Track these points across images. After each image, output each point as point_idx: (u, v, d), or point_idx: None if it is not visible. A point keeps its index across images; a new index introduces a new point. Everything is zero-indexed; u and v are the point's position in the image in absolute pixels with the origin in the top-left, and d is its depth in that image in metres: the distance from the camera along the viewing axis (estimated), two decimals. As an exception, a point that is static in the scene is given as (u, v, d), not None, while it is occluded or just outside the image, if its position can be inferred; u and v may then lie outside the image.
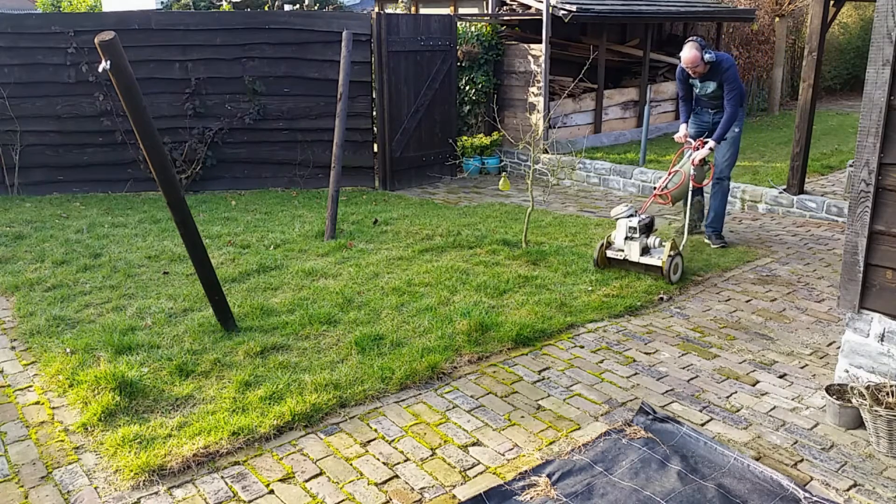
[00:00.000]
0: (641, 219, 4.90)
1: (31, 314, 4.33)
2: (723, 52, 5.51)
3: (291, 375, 3.50)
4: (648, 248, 4.89)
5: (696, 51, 5.23)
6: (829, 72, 15.21)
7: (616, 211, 5.02)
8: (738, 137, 5.65)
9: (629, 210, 5.01)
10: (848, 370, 3.30)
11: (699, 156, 5.31)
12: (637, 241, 4.85)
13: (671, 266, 4.74)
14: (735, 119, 5.39)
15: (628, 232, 4.89)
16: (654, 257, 4.80)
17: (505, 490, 2.68)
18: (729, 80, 5.30)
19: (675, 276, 4.81)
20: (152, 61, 7.63)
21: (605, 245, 5.05)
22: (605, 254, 5.02)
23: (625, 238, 4.90)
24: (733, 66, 5.33)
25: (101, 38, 3.26)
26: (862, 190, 3.12)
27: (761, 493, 2.64)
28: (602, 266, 5.04)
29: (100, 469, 2.82)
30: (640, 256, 4.84)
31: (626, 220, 4.92)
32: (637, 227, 4.86)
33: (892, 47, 2.93)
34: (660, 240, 4.90)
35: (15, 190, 7.74)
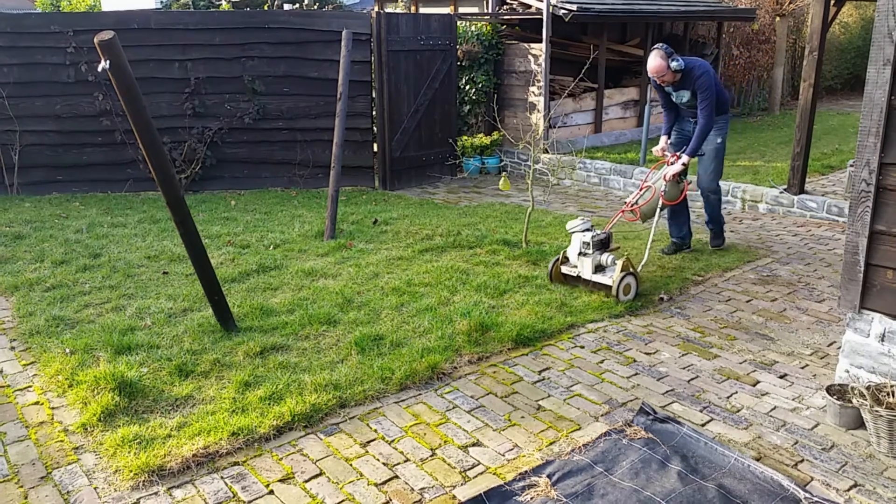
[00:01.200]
0: (595, 234, 4.59)
1: (31, 314, 4.33)
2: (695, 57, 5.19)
3: (291, 376, 3.50)
4: (602, 265, 4.59)
5: (661, 59, 4.86)
6: (830, 71, 15.20)
7: (571, 224, 4.70)
8: (721, 149, 5.28)
9: (585, 224, 4.67)
10: (848, 370, 3.30)
11: (671, 171, 4.92)
12: (590, 257, 4.55)
13: (621, 286, 4.42)
14: (709, 130, 4.99)
15: (582, 247, 4.60)
16: (606, 276, 4.51)
17: (505, 490, 2.68)
18: (702, 87, 4.90)
19: (625, 296, 4.47)
20: (152, 61, 7.62)
21: (559, 260, 4.76)
22: (559, 269, 4.75)
23: (578, 254, 4.62)
24: (707, 72, 4.93)
25: (100, 37, 3.25)
26: (862, 190, 3.11)
27: (762, 494, 2.64)
28: (556, 282, 4.75)
29: (99, 469, 2.82)
30: (593, 274, 4.55)
31: (580, 234, 4.62)
32: (591, 242, 4.56)
33: (892, 47, 2.92)
34: (613, 257, 4.59)
35: (14, 190, 7.74)
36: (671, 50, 4.89)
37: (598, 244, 4.60)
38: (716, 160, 5.28)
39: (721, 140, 5.24)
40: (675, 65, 4.85)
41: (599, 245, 4.62)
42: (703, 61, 5.03)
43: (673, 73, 4.92)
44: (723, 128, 5.25)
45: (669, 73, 4.91)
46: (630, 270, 4.47)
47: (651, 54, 4.94)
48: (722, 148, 5.30)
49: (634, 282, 4.51)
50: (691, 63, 4.97)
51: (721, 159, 5.32)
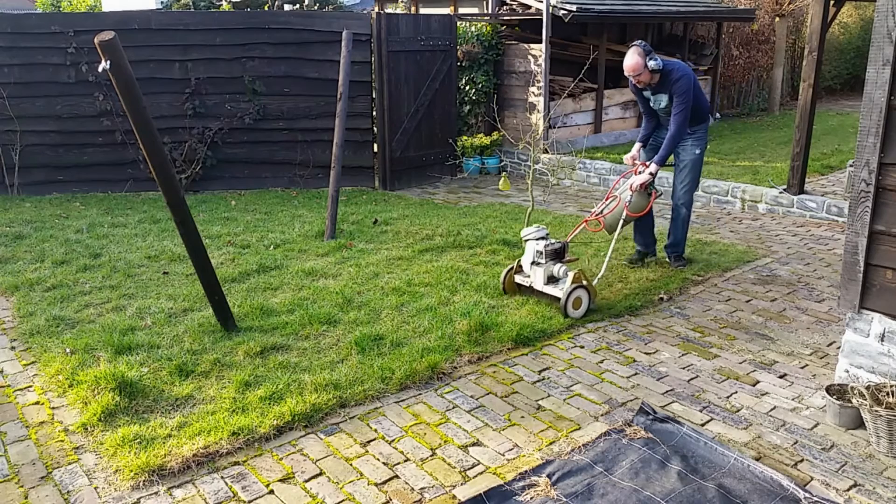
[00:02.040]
0: (549, 243, 4.39)
1: (31, 314, 4.33)
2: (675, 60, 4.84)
3: (291, 375, 3.50)
4: (555, 276, 4.38)
5: (639, 56, 4.59)
6: (830, 72, 15.21)
7: (525, 232, 4.48)
8: (698, 161, 4.97)
9: (539, 232, 4.45)
10: (848, 370, 3.30)
11: (638, 181, 4.67)
12: (542, 267, 4.36)
13: (570, 300, 4.19)
14: (680, 137, 4.73)
15: (535, 256, 4.41)
16: (557, 287, 4.29)
17: (505, 490, 2.68)
18: (679, 91, 4.63)
19: (575, 311, 4.23)
20: (152, 61, 7.63)
21: (514, 269, 4.56)
22: (512, 278, 4.55)
23: (531, 263, 4.43)
24: (685, 76, 4.65)
25: (100, 37, 3.26)
26: (862, 190, 3.11)
27: (761, 494, 2.64)
28: (509, 292, 4.56)
29: (100, 469, 2.82)
30: (545, 285, 4.35)
31: (533, 242, 4.43)
32: (544, 251, 4.36)
33: (892, 47, 2.93)
34: (566, 268, 4.36)
35: (15, 190, 7.74)
36: (650, 48, 4.64)
37: (551, 254, 4.40)
38: (692, 172, 4.97)
39: (700, 151, 4.96)
40: (652, 64, 4.58)
41: (553, 255, 4.42)
42: (684, 65, 4.80)
43: (650, 73, 4.65)
44: (702, 138, 4.97)
45: (646, 72, 4.64)
46: (582, 283, 4.24)
47: (628, 52, 4.67)
48: (700, 159, 5.01)
49: (587, 296, 4.27)
50: (671, 65, 4.73)
51: (698, 171, 5.03)
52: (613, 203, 4.78)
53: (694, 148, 4.93)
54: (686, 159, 4.95)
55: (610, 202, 4.82)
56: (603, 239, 5.71)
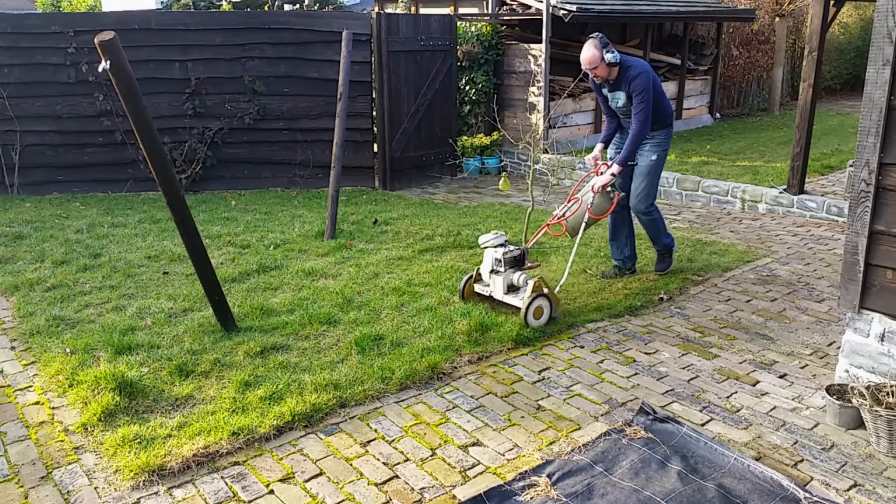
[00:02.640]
0: (508, 251, 4.22)
1: (31, 314, 4.33)
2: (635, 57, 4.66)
3: (291, 375, 3.50)
4: (515, 285, 4.21)
5: (595, 49, 4.36)
6: (830, 72, 15.21)
7: (484, 238, 4.28)
8: (654, 167, 4.65)
9: (498, 238, 4.25)
10: (848, 370, 3.30)
11: (599, 182, 4.47)
12: (502, 276, 4.18)
13: (531, 310, 4.01)
14: (642, 137, 4.46)
15: (493, 264, 4.24)
16: (518, 297, 4.13)
17: (505, 490, 2.68)
18: (637, 89, 4.38)
19: (536, 321, 4.05)
20: (152, 61, 7.63)
21: (473, 278, 4.39)
22: (472, 287, 4.38)
23: (490, 271, 4.26)
24: (644, 73, 4.41)
25: (100, 37, 3.26)
26: (862, 190, 3.11)
27: (761, 494, 2.64)
28: (469, 301, 4.38)
29: (100, 469, 2.82)
30: (505, 294, 4.19)
31: (492, 250, 4.24)
32: (502, 259, 4.18)
33: (892, 47, 2.93)
34: (526, 277, 4.20)
35: (15, 190, 7.74)
36: (606, 41, 4.42)
37: (510, 261, 4.23)
38: (647, 179, 4.65)
39: (656, 157, 4.65)
40: (609, 56, 4.36)
41: (513, 262, 4.24)
42: (644, 63, 4.56)
43: (607, 67, 4.42)
44: (661, 143, 4.67)
45: (603, 65, 4.39)
46: (543, 292, 4.06)
47: (585, 44, 4.45)
48: (656, 166, 4.67)
49: (548, 305, 4.10)
50: (629, 61, 4.49)
51: (655, 179, 4.69)
52: (575, 205, 4.59)
53: (651, 154, 4.64)
54: (642, 165, 4.66)
55: (572, 204, 4.62)
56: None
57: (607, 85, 4.58)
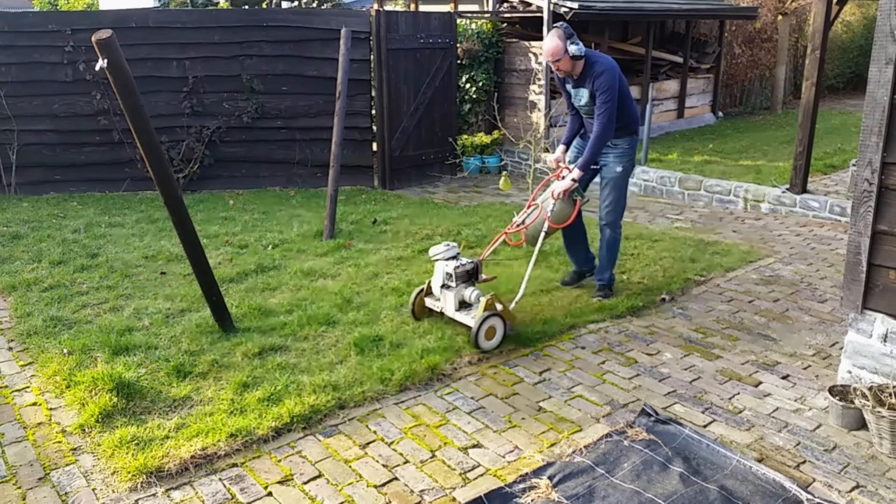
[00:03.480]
0: (460, 264, 3.94)
1: (28, 314, 4.31)
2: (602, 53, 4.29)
3: (290, 377, 3.48)
4: (467, 301, 3.94)
5: (558, 39, 4.02)
6: (832, 70, 15.17)
7: (434, 250, 4.02)
8: (621, 179, 4.33)
9: (449, 250, 3.99)
10: (851, 371, 3.28)
11: (559, 188, 4.17)
12: (453, 291, 3.91)
13: (482, 329, 3.70)
14: (606, 138, 4.14)
15: (444, 278, 3.96)
16: (470, 315, 3.85)
17: (505, 492, 2.66)
18: (601, 88, 4.06)
19: (487, 342, 3.74)
20: (150, 59, 7.60)
21: (423, 291, 4.11)
22: (423, 302, 4.11)
23: (441, 286, 3.99)
24: (609, 70, 4.09)
25: (98, 36, 3.23)
26: (865, 189, 3.09)
27: (764, 495, 2.62)
28: (420, 317, 4.12)
29: (97, 470, 2.80)
30: (456, 311, 3.91)
31: (442, 263, 3.98)
32: (453, 273, 3.91)
33: (894, 46, 2.90)
34: (478, 293, 3.90)
35: (12, 189, 7.71)
36: (571, 31, 4.08)
37: (462, 275, 3.95)
38: (615, 191, 4.34)
39: (622, 169, 4.32)
40: (573, 48, 4.03)
41: (465, 276, 3.96)
42: (611, 60, 4.23)
43: (571, 60, 4.09)
44: (626, 153, 4.33)
45: (566, 58, 4.06)
46: (495, 311, 3.77)
47: (548, 34, 4.13)
48: (623, 178, 4.35)
49: (501, 324, 3.80)
50: (595, 57, 4.17)
51: (622, 190, 4.37)
52: (536, 212, 4.28)
53: (616, 164, 4.32)
54: (607, 177, 4.36)
55: (532, 211, 4.31)
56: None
57: (571, 80, 4.27)
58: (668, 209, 7.16)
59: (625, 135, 4.31)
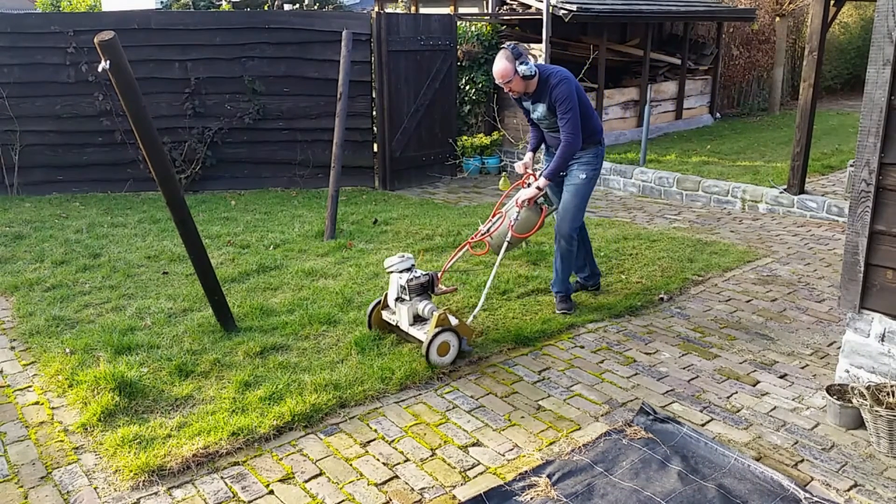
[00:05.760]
0: (414, 276, 3.78)
1: (31, 314, 4.33)
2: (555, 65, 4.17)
3: (291, 376, 3.50)
4: (421, 315, 3.76)
5: (507, 61, 3.92)
6: (830, 71, 15.20)
7: (388, 262, 3.85)
8: (583, 188, 4.18)
9: (403, 262, 3.82)
10: (848, 370, 3.30)
11: (523, 196, 4.02)
12: (406, 305, 3.74)
13: (434, 345, 3.53)
14: (574, 148, 4.00)
15: (399, 291, 3.81)
16: (423, 329, 3.67)
17: (505, 490, 2.68)
18: (559, 98, 3.94)
19: (441, 358, 3.57)
20: (152, 61, 7.62)
21: (381, 304, 3.93)
22: (380, 315, 3.93)
23: (395, 299, 3.83)
24: (565, 80, 3.97)
25: (100, 37, 3.26)
26: (862, 190, 3.11)
27: (762, 494, 2.64)
28: (378, 330, 3.95)
29: (99, 469, 2.82)
30: (410, 326, 3.74)
31: (396, 275, 3.81)
32: (407, 286, 3.75)
33: (892, 47, 2.92)
34: (432, 307, 3.73)
35: (14, 190, 7.74)
36: (520, 51, 3.98)
37: (417, 288, 3.79)
38: (576, 200, 4.19)
39: (585, 177, 4.18)
40: (522, 69, 3.92)
41: (419, 289, 3.81)
42: (565, 71, 4.09)
43: (522, 81, 3.99)
44: (590, 163, 4.20)
45: (517, 78, 3.96)
46: (448, 326, 3.59)
47: (497, 56, 4.01)
48: (586, 187, 4.20)
49: (456, 339, 3.62)
50: (548, 70, 4.05)
51: (583, 200, 4.22)
52: (500, 221, 4.15)
53: (579, 172, 4.19)
54: (569, 184, 4.22)
55: (497, 219, 4.17)
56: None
57: (528, 97, 4.17)
58: (667, 209, 7.18)
59: (590, 146, 4.19)
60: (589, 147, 4.20)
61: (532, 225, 4.10)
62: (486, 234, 4.16)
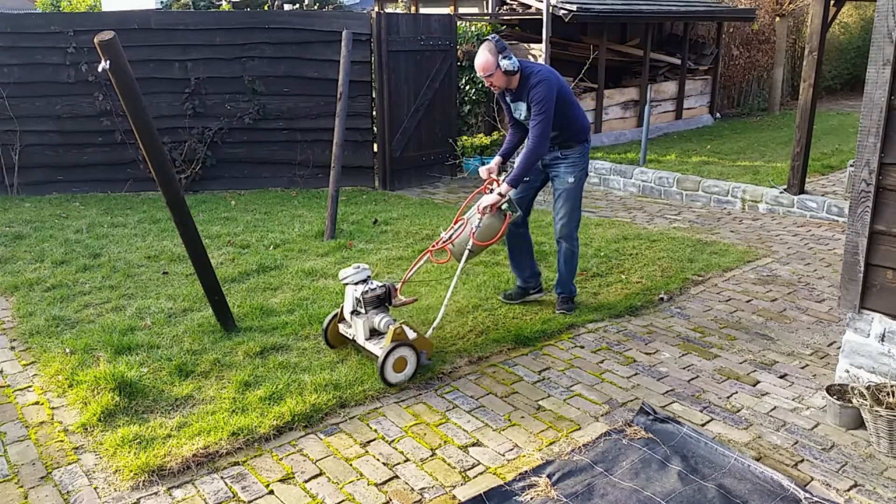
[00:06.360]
0: (370, 288, 3.62)
1: (31, 314, 4.33)
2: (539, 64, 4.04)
3: (291, 376, 3.50)
4: (378, 329, 3.61)
5: (489, 54, 3.80)
6: (830, 72, 15.20)
7: (343, 273, 3.67)
8: (574, 190, 4.10)
9: (359, 273, 3.64)
10: (848, 370, 3.30)
11: (485, 203, 3.86)
12: (362, 318, 3.59)
13: (389, 361, 3.37)
14: (538, 154, 3.85)
15: (354, 304, 3.65)
16: (379, 344, 3.51)
17: (505, 490, 2.68)
18: (536, 99, 3.81)
19: (396, 375, 3.41)
20: (152, 61, 7.62)
21: (337, 317, 3.77)
22: (336, 329, 3.78)
23: (351, 312, 3.68)
24: (545, 81, 3.83)
25: (100, 37, 3.26)
26: (862, 190, 3.11)
27: (762, 494, 2.64)
28: (334, 345, 3.80)
29: (99, 469, 2.82)
30: (367, 340, 3.60)
31: (351, 287, 3.66)
32: (362, 299, 3.60)
33: (892, 47, 2.93)
34: (389, 320, 3.57)
35: (14, 190, 7.73)
36: (504, 45, 3.84)
37: (373, 301, 3.63)
38: (568, 202, 4.12)
39: (574, 179, 4.10)
40: (505, 63, 3.80)
41: (375, 302, 3.65)
42: (549, 69, 3.98)
43: (504, 75, 3.86)
44: (577, 163, 4.10)
45: (499, 72, 3.84)
46: (405, 340, 3.44)
47: (479, 48, 3.88)
48: (577, 189, 4.13)
49: (413, 354, 3.46)
50: (531, 68, 3.92)
51: (577, 202, 4.14)
52: (462, 228, 3.97)
53: (567, 175, 4.10)
54: (559, 188, 4.15)
55: (459, 226, 4.00)
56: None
57: (510, 94, 4.04)
58: (667, 209, 7.18)
59: (576, 144, 4.11)
60: (575, 146, 4.12)
61: (495, 232, 3.92)
62: (448, 241, 3.97)
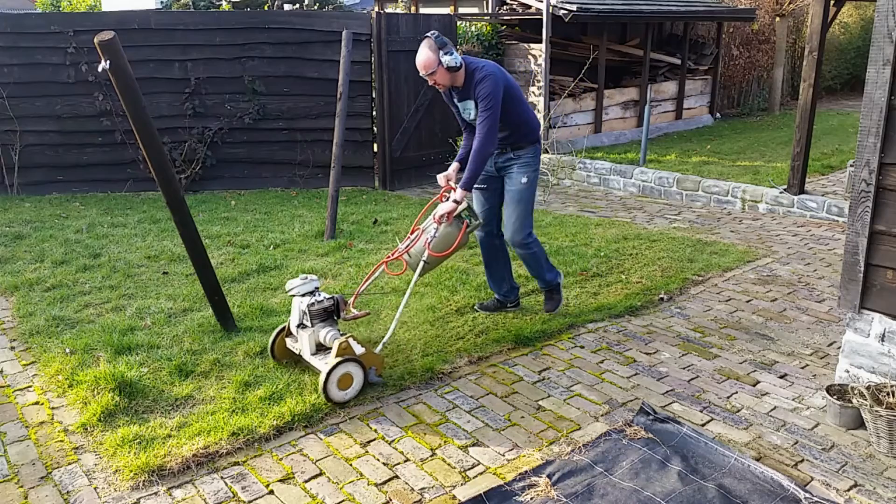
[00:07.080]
0: (316, 300, 3.44)
1: (31, 314, 4.33)
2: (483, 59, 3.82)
3: (291, 375, 3.50)
4: (324, 344, 3.44)
5: (430, 51, 3.58)
6: (830, 72, 15.21)
7: (290, 284, 3.49)
8: (526, 192, 3.90)
9: (306, 284, 3.46)
10: (848, 370, 3.30)
11: (441, 211, 3.65)
12: (308, 332, 3.40)
13: (333, 377, 3.19)
14: (486, 152, 3.63)
15: (300, 317, 3.46)
16: (326, 360, 3.31)
17: (505, 490, 2.68)
18: (481, 94, 3.60)
19: (341, 392, 3.23)
20: (152, 61, 7.62)
21: (284, 331, 3.60)
22: (283, 343, 3.60)
23: (297, 325, 3.49)
24: (490, 76, 3.62)
25: (100, 37, 3.26)
26: (862, 190, 3.11)
27: (762, 494, 2.64)
28: (281, 359, 3.62)
29: (99, 469, 2.82)
30: (313, 355, 3.41)
31: (298, 299, 3.47)
32: (309, 311, 3.42)
33: (892, 47, 2.93)
34: (335, 334, 3.40)
35: (14, 190, 7.74)
36: (444, 41, 3.61)
37: (319, 314, 3.45)
38: (519, 206, 3.91)
39: (527, 180, 3.90)
40: (447, 59, 3.57)
41: (322, 315, 3.47)
42: (494, 65, 3.74)
43: (448, 73, 3.64)
44: (529, 164, 3.90)
45: (441, 70, 3.61)
46: (352, 356, 3.27)
47: (421, 45, 3.64)
48: (528, 191, 3.91)
49: (360, 371, 3.29)
50: (475, 63, 3.70)
51: (528, 205, 3.93)
52: (417, 238, 3.81)
53: (520, 176, 3.90)
54: (511, 190, 3.94)
55: (415, 236, 3.84)
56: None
57: (456, 93, 3.81)
58: (667, 209, 7.18)
59: (527, 144, 3.92)
60: (527, 146, 3.92)
61: (452, 241, 3.70)
62: (404, 250, 3.81)
